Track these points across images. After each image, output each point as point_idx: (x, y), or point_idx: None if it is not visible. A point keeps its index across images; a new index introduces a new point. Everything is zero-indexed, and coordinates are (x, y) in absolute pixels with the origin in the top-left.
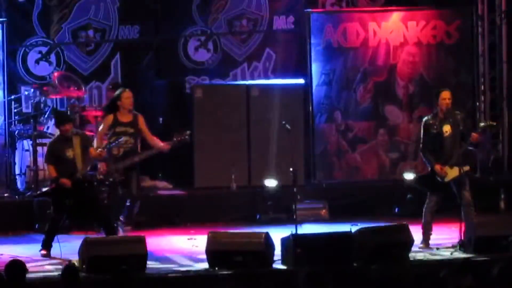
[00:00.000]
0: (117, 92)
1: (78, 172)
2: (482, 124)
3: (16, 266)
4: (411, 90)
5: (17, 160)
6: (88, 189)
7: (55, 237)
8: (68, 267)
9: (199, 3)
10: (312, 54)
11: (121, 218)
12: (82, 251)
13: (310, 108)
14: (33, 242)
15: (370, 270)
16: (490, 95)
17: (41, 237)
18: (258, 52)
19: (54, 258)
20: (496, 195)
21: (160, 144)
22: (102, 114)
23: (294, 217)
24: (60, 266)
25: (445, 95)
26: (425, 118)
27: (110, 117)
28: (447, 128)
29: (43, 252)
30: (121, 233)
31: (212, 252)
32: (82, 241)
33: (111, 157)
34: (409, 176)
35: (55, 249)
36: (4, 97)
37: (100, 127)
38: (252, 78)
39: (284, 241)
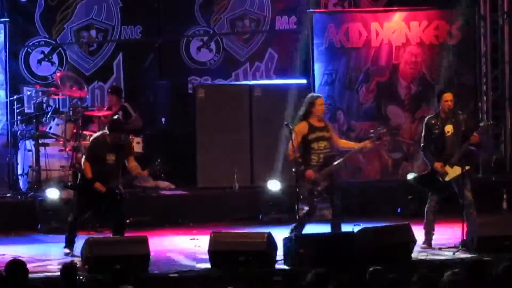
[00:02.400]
0: (309, 98)
1: (113, 180)
2: (482, 124)
3: (16, 266)
4: (413, 90)
5: (19, 160)
6: (118, 200)
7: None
8: (66, 267)
9: (201, 3)
10: (315, 54)
11: None
12: (85, 251)
13: None
14: (35, 243)
15: (372, 271)
16: (492, 95)
17: (43, 237)
18: (261, 52)
19: (57, 258)
20: (498, 195)
21: (358, 144)
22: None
23: (297, 217)
24: None
25: (448, 96)
26: (427, 118)
27: (304, 124)
28: (449, 128)
29: (66, 250)
30: None
31: (214, 252)
32: (85, 241)
33: (314, 165)
34: (411, 176)
35: (59, 249)
36: (7, 97)
37: (294, 136)
38: (255, 78)
39: (286, 241)
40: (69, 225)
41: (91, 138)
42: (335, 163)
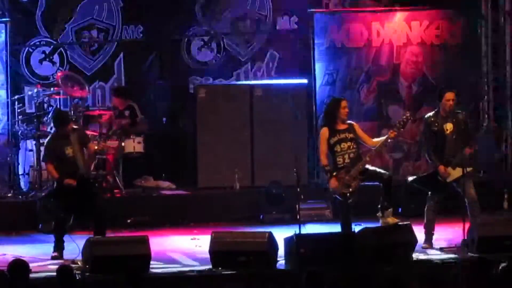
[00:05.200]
0: (333, 101)
1: (80, 169)
2: (485, 125)
3: (19, 266)
4: (414, 90)
5: (20, 160)
6: (92, 185)
7: (68, 237)
8: (62, 269)
9: (202, 3)
10: (316, 54)
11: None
12: (86, 251)
13: (314, 108)
14: (36, 242)
15: (373, 270)
16: (493, 96)
17: (44, 237)
18: (262, 52)
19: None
20: (499, 195)
21: (381, 138)
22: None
23: (298, 217)
24: None
25: (450, 96)
26: (426, 116)
27: (325, 130)
28: (448, 127)
29: (54, 254)
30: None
31: (215, 252)
32: (86, 241)
33: (340, 168)
34: (412, 178)
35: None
36: (8, 97)
37: (319, 144)
38: (256, 78)
39: (287, 241)
40: (55, 228)
41: (46, 143)
42: (361, 162)
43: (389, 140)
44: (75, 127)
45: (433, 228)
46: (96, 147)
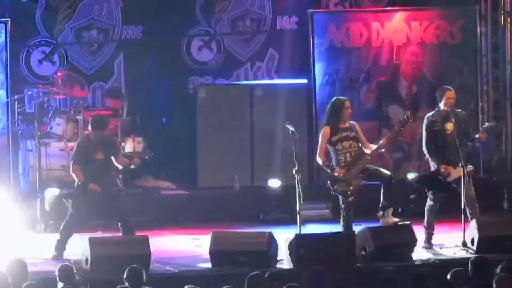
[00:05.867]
0: (337, 101)
1: (106, 176)
2: (485, 125)
3: (19, 266)
4: (414, 90)
5: (20, 160)
6: (115, 195)
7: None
8: (62, 269)
9: (202, 3)
10: (316, 54)
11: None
12: (86, 251)
13: (314, 108)
14: (36, 242)
15: (373, 270)
16: (493, 95)
17: (44, 237)
18: (262, 52)
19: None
20: (499, 195)
21: (380, 141)
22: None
23: (298, 217)
24: None
25: (450, 94)
26: (426, 116)
27: (327, 129)
28: (449, 126)
29: (54, 254)
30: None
31: (215, 252)
32: (86, 241)
33: (342, 165)
34: (412, 176)
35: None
36: (8, 97)
37: (320, 141)
38: (256, 78)
39: (287, 241)
40: (65, 228)
41: (77, 141)
42: (362, 161)
43: (382, 150)
44: (107, 135)
45: (432, 227)
46: (128, 162)
